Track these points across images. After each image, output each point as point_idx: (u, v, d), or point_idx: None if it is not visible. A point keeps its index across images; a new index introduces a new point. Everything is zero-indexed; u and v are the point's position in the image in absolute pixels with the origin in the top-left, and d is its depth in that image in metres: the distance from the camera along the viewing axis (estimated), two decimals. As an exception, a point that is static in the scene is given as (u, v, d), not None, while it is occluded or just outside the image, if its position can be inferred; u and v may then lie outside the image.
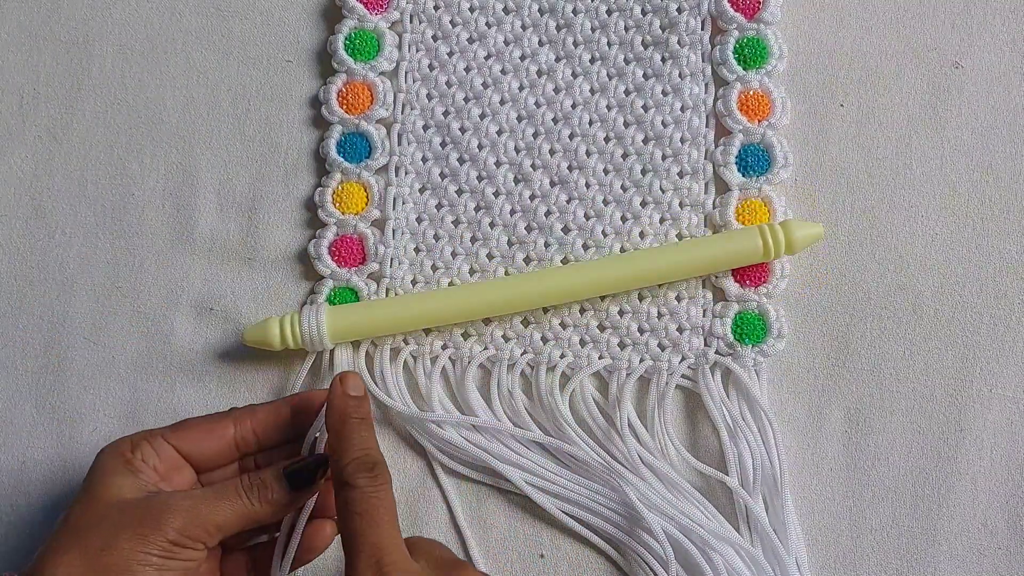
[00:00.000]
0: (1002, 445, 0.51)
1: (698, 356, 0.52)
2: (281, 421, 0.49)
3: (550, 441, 0.51)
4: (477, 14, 0.57)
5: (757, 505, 0.50)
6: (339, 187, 0.55)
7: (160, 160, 0.57)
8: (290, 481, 0.46)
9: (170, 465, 0.46)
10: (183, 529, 0.43)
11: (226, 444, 0.48)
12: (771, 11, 0.54)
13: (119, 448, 0.46)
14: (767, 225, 0.51)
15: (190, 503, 0.44)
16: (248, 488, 0.45)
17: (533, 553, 0.51)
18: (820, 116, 0.55)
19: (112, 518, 0.43)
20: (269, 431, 0.48)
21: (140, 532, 0.42)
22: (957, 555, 0.50)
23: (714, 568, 0.49)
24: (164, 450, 0.46)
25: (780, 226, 0.50)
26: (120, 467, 0.45)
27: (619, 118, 0.55)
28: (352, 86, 0.56)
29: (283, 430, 0.49)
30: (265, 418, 0.48)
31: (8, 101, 0.58)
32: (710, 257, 0.51)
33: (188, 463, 0.47)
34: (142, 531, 0.42)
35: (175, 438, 0.47)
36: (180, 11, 0.59)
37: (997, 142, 0.54)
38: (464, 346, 0.53)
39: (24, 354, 0.55)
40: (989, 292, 0.52)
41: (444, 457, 0.52)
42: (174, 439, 0.47)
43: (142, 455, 0.45)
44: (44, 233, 0.57)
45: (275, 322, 0.51)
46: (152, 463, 0.46)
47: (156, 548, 0.42)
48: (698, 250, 0.51)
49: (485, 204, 0.55)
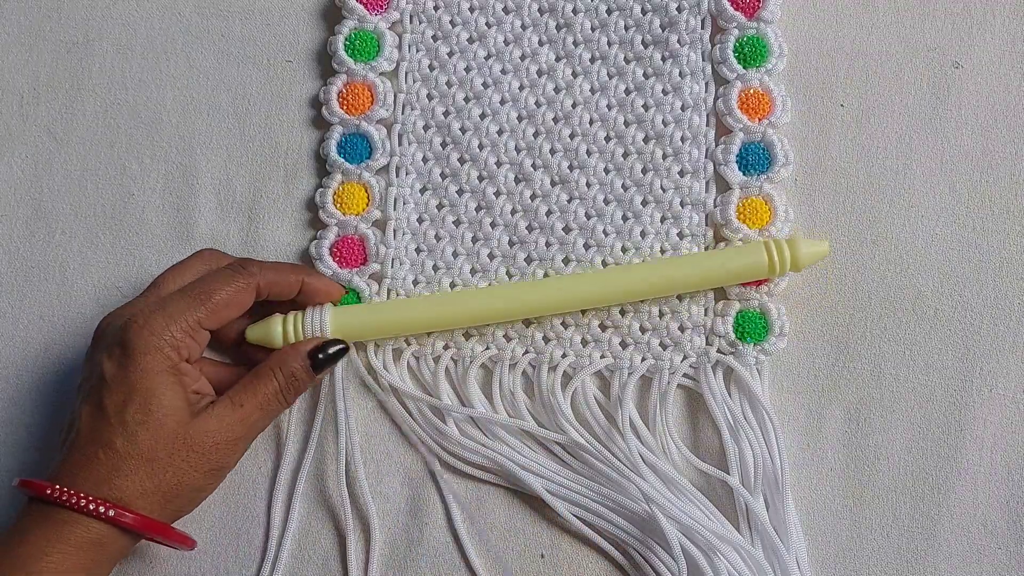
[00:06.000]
0: (1002, 445, 0.51)
1: (700, 355, 0.52)
2: (285, 289, 0.51)
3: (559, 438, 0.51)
4: (477, 14, 0.57)
5: (758, 504, 0.50)
6: (340, 188, 0.55)
7: (160, 160, 0.57)
8: (315, 366, 0.50)
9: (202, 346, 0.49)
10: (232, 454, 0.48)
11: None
12: (771, 10, 0.54)
13: (165, 352, 0.46)
14: (773, 241, 0.51)
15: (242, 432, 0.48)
16: (285, 389, 0.49)
17: (533, 553, 0.51)
18: (820, 116, 0.55)
19: (179, 452, 0.46)
20: (271, 292, 0.50)
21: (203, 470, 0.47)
22: (957, 555, 0.50)
23: (715, 569, 0.49)
24: (202, 338, 0.48)
25: (786, 243, 0.50)
26: (171, 381, 0.46)
27: (619, 117, 0.55)
28: (352, 87, 0.56)
29: (283, 294, 0.51)
30: (275, 279, 0.50)
31: (8, 101, 0.58)
32: (715, 271, 0.51)
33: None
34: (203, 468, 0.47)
35: (212, 322, 0.48)
36: (180, 11, 0.59)
37: (997, 142, 0.54)
38: (466, 346, 0.53)
39: (24, 354, 0.55)
40: (989, 292, 0.52)
41: (446, 455, 0.52)
42: (211, 323, 0.48)
43: (188, 353, 0.47)
44: (44, 233, 0.57)
45: (278, 320, 0.51)
46: (193, 356, 0.48)
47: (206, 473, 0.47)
48: (703, 264, 0.51)
49: (486, 204, 0.55)
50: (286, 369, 0.49)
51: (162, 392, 0.46)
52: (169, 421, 0.46)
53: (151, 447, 0.45)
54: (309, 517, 0.52)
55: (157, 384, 0.46)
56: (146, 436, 0.45)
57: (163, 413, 0.45)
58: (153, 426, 0.45)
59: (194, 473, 0.46)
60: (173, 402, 0.46)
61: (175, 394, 0.46)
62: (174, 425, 0.46)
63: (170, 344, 0.46)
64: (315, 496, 0.52)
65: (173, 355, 0.47)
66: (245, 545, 0.52)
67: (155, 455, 0.45)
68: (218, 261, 0.51)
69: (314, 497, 0.52)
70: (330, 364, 0.50)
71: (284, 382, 0.49)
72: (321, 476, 0.52)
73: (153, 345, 0.46)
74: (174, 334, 0.47)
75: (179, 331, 0.47)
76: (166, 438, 0.45)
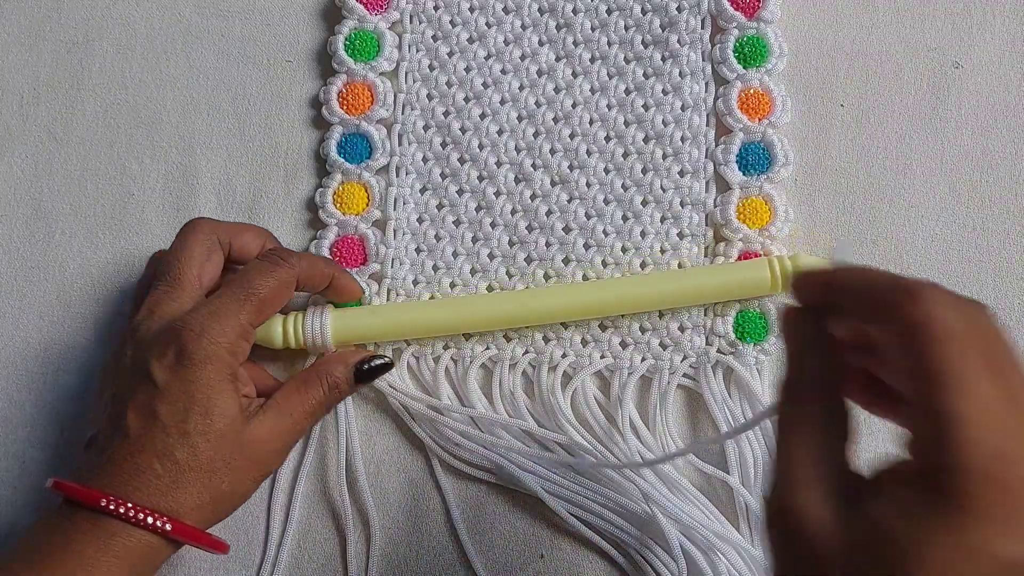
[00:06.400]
0: (1002, 445, 0.51)
1: (700, 355, 0.52)
2: (318, 282, 0.50)
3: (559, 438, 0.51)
4: (477, 14, 0.57)
5: (758, 504, 0.50)
6: (340, 188, 0.55)
7: (160, 160, 0.57)
8: (358, 377, 0.50)
9: (250, 347, 0.48)
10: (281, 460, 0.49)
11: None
12: (771, 10, 0.54)
13: (225, 360, 0.45)
14: (776, 258, 0.51)
15: (292, 440, 0.48)
16: (329, 399, 0.49)
17: (533, 553, 0.51)
18: (820, 116, 0.55)
19: (235, 462, 0.45)
20: (305, 285, 0.50)
21: (254, 476, 0.47)
22: (957, 555, 0.50)
23: (715, 569, 0.49)
24: (252, 339, 0.48)
25: (789, 259, 0.50)
26: (230, 389, 0.45)
27: (619, 117, 0.55)
28: (352, 86, 0.56)
29: (315, 287, 0.50)
30: (310, 271, 0.49)
31: (8, 101, 0.58)
32: (717, 287, 0.51)
33: None
34: (255, 475, 0.47)
35: (259, 321, 0.48)
36: (180, 11, 0.59)
37: (997, 142, 0.54)
38: (466, 346, 0.53)
39: (24, 354, 0.55)
40: (989, 292, 0.52)
41: (446, 455, 0.52)
42: (258, 322, 0.48)
43: (242, 357, 0.47)
44: (44, 233, 0.56)
45: (278, 321, 0.51)
46: (244, 360, 0.47)
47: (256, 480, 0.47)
48: (705, 279, 0.51)
49: (486, 204, 0.55)
50: (331, 378, 0.49)
51: (223, 402, 0.45)
52: (229, 432, 0.45)
53: (211, 458, 0.44)
54: (309, 517, 0.52)
55: (217, 394, 0.45)
56: (207, 447, 0.44)
57: (224, 423, 0.44)
58: (214, 437, 0.44)
59: (247, 481, 0.46)
60: (231, 411, 0.45)
61: (233, 403, 0.45)
62: (233, 435, 0.45)
63: (228, 351, 0.45)
64: (315, 496, 0.52)
65: (232, 362, 0.45)
66: (245, 545, 0.52)
67: (214, 466, 0.44)
68: (217, 232, 0.49)
69: (314, 497, 0.52)
70: (373, 377, 0.50)
71: (328, 391, 0.49)
72: (321, 476, 0.52)
73: (213, 354, 0.45)
74: (231, 339, 0.45)
75: (234, 335, 0.45)
76: (225, 448, 0.45)
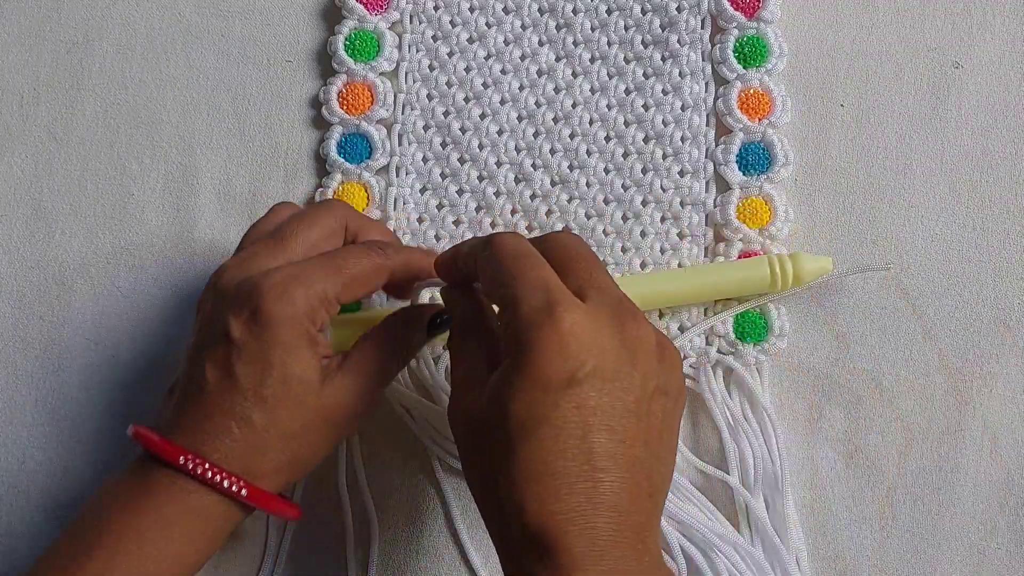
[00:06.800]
0: (1002, 445, 0.51)
1: (699, 355, 0.52)
2: (419, 275, 0.48)
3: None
4: (477, 14, 0.57)
5: (758, 504, 0.50)
6: (340, 188, 0.55)
7: (160, 160, 0.57)
8: (430, 328, 0.47)
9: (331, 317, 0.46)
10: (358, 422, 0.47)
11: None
12: (771, 10, 0.54)
13: (304, 324, 0.44)
14: (776, 256, 0.51)
15: (372, 401, 0.46)
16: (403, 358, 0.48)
17: (534, 553, 0.51)
18: (820, 116, 0.55)
19: (313, 427, 0.44)
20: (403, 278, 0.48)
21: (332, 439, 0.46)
22: (957, 555, 0.50)
23: (714, 569, 0.49)
24: (333, 311, 0.46)
25: (790, 258, 0.51)
26: (308, 354, 0.44)
27: (619, 117, 0.55)
28: (352, 87, 0.56)
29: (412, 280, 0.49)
30: (407, 264, 0.48)
31: (8, 101, 0.58)
32: (717, 285, 0.51)
33: None
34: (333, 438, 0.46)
35: (344, 297, 0.46)
36: (180, 11, 0.59)
37: (997, 142, 0.54)
38: (465, 345, 0.53)
39: (24, 354, 0.55)
40: (989, 292, 0.52)
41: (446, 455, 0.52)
42: (344, 298, 0.46)
43: (321, 324, 0.45)
44: (44, 233, 0.56)
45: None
46: (323, 326, 0.45)
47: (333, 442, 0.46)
48: (705, 278, 0.51)
49: (486, 204, 0.55)
50: (405, 339, 0.47)
51: (301, 367, 0.43)
52: (309, 397, 0.43)
53: (289, 423, 0.43)
54: (309, 517, 0.52)
55: (295, 358, 0.43)
56: (285, 413, 0.43)
57: (303, 389, 0.43)
58: (293, 402, 0.43)
59: (326, 445, 0.45)
60: (310, 376, 0.43)
61: (312, 367, 0.44)
62: (313, 400, 0.44)
63: (307, 316, 0.44)
64: (315, 496, 0.52)
65: (311, 327, 0.44)
66: (245, 545, 0.52)
67: (293, 431, 0.43)
68: (348, 219, 0.49)
69: (314, 497, 0.52)
70: (440, 332, 0.48)
71: (404, 347, 0.47)
72: (321, 475, 0.52)
73: (290, 315, 0.43)
74: (312, 304, 0.44)
75: (316, 300, 0.44)
76: (305, 413, 0.43)
